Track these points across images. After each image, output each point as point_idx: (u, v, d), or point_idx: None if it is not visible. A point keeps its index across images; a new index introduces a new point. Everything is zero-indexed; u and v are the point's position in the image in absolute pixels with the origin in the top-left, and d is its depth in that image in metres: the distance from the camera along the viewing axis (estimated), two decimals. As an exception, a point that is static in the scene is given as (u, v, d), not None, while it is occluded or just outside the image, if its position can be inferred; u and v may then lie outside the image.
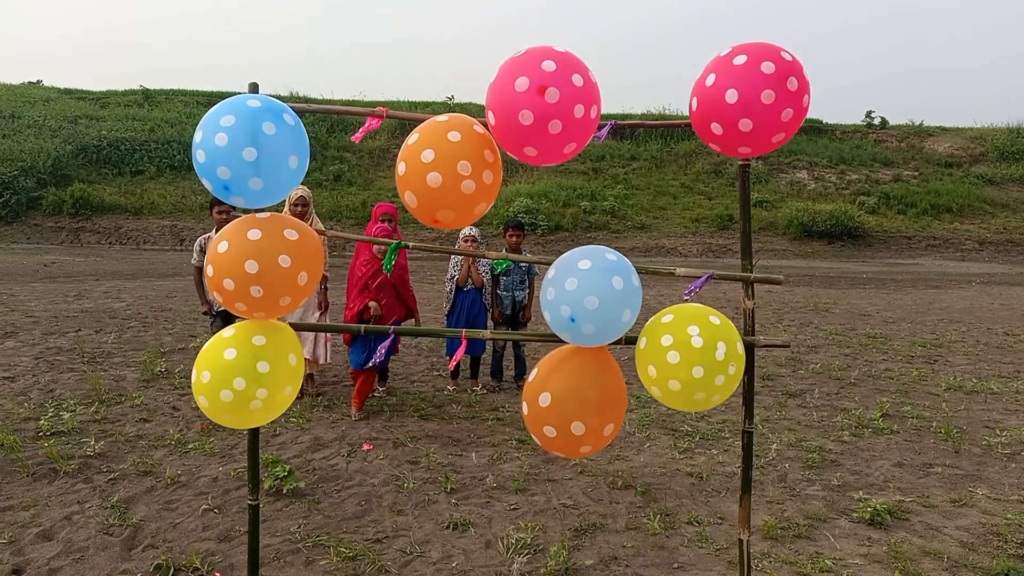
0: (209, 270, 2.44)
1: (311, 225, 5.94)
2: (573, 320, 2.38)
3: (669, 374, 2.47)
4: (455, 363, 3.61)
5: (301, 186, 6.16)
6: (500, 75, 2.29)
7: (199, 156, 2.36)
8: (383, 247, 5.68)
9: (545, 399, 2.53)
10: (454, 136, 2.37)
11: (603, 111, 2.42)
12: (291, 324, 2.80)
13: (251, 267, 2.36)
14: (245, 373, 2.45)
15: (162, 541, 3.74)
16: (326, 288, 6.45)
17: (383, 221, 6.13)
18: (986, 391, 7.06)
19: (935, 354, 8.77)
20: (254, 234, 2.41)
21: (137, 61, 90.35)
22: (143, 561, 3.54)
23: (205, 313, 6.29)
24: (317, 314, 6.36)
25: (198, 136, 2.37)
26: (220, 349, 2.50)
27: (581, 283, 2.37)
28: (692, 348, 2.44)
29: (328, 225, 18.07)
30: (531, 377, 2.64)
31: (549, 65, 2.22)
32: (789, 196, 26.11)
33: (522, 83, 2.22)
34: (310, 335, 6.32)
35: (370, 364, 3.93)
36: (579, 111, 2.25)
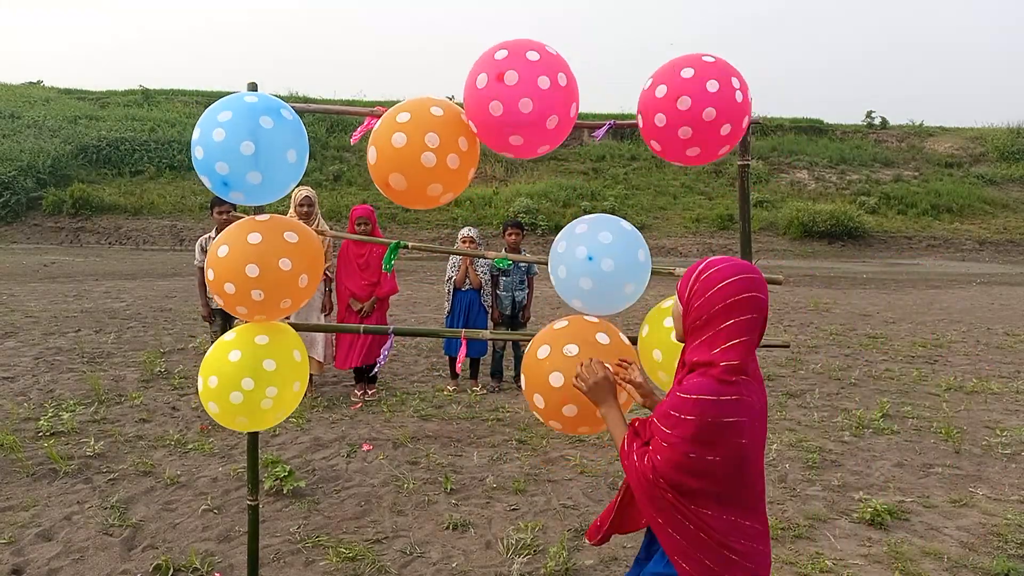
0: (210, 274, 2.44)
1: (316, 226, 5.93)
2: (591, 258, 2.38)
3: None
4: (460, 364, 3.59)
5: (306, 187, 6.13)
6: (467, 82, 2.33)
7: (197, 153, 2.36)
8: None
9: (544, 351, 2.40)
10: (436, 111, 2.37)
11: (604, 111, 2.43)
12: (292, 324, 2.80)
13: (252, 271, 2.36)
14: (252, 373, 2.45)
15: (162, 541, 3.74)
16: (330, 290, 6.43)
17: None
18: (986, 391, 7.06)
19: (935, 354, 8.77)
20: (254, 238, 2.41)
21: (137, 61, 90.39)
22: (143, 561, 3.53)
23: (204, 318, 6.27)
24: (321, 316, 6.35)
25: (196, 133, 2.37)
26: (224, 353, 2.51)
27: (590, 226, 2.41)
28: None
29: (327, 225, 18.06)
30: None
31: (501, 53, 2.26)
32: (789, 196, 26.11)
33: (482, 79, 2.26)
34: (319, 338, 6.29)
35: (375, 367, 3.93)
36: (544, 82, 2.23)
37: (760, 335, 1.83)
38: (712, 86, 2.30)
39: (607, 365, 2.17)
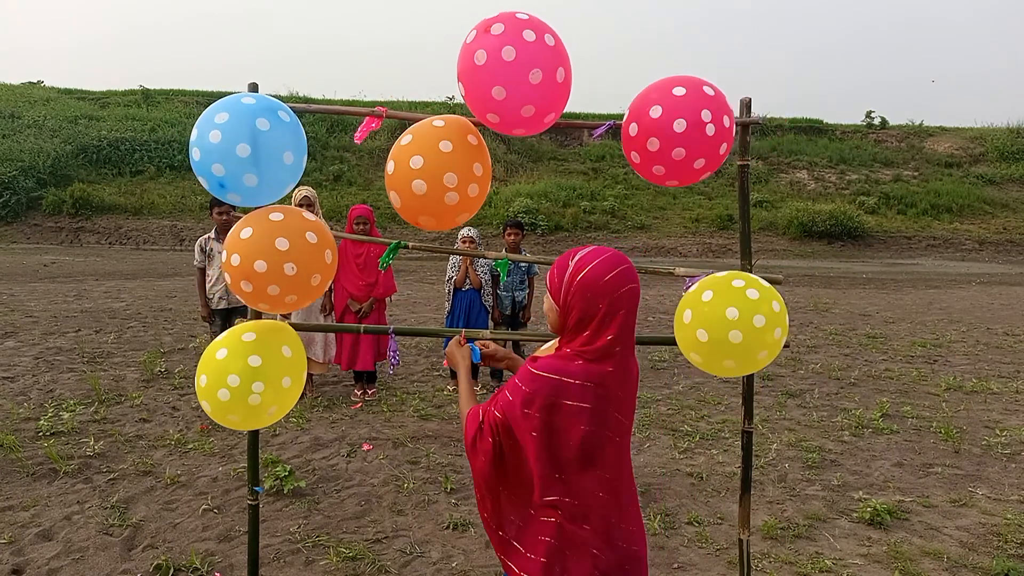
0: (235, 259, 2.39)
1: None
2: None
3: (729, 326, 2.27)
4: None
5: (305, 186, 6.15)
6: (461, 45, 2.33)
7: (195, 154, 2.37)
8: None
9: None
10: (445, 146, 2.36)
11: (603, 112, 2.42)
12: (292, 324, 2.80)
13: (282, 244, 2.37)
14: (237, 369, 2.45)
15: (162, 541, 3.74)
16: (331, 290, 6.43)
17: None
18: (986, 391, 7.06)
19: (935, 354, 8.77)
20: (276, 216, 2.44)
21: (137, 62, 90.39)
22: (143, 561, 3.54)
23: (204, 318, 6.28)
24: (321, 316, 6.35)
25: (193, 135, 2.38)
26: (213, 351, 2.52)
27: None
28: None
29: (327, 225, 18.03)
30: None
31: (493, 17, 2.27)
32: (789, 196, 26.11)
33: (471, 35, 2.25)
34: (318, 338, 6.28)
35: (389, 368, 3.92)
36: (529, 35, 2.20)
37: (630, 326, 1.89)
38: (679, 126, 2.28)
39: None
